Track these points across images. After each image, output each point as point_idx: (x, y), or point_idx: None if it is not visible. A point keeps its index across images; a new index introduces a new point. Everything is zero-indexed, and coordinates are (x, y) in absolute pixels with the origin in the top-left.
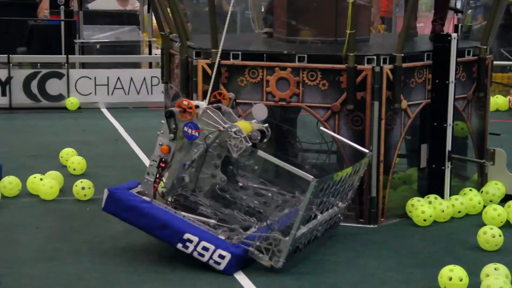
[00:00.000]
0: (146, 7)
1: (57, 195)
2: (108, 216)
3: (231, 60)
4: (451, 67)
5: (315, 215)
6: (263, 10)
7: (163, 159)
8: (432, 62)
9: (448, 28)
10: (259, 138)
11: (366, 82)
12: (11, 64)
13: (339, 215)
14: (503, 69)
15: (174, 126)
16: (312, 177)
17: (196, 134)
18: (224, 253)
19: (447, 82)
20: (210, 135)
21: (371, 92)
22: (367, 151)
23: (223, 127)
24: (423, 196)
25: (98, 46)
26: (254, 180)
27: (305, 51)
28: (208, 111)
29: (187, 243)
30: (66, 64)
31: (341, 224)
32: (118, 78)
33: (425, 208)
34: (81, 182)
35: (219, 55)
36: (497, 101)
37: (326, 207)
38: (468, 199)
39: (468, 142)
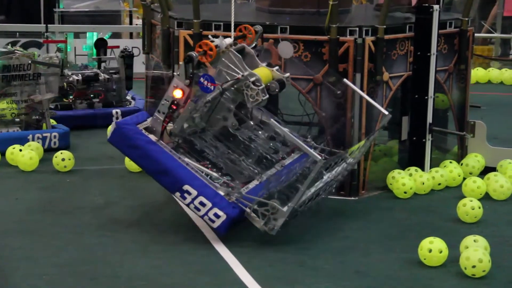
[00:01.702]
0: None
1: (37, 166)
2: (89, 188)
3: (213, 30)
4: (432, 39)
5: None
6: None
7: (175, 102)
8: (414, 34)
9: None
10: (277, 90)
11: (348, 54)
12: None
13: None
14: (483, 42)
15: (191, 71)
16: (319, 157)
17: (212, 87)
18: (220, 213)
19: (428, 54)
20: (227, 81)
21: (353, 64)
22: (386, 112)
23: (242, 75)
24: (403, 169)
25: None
26: (269, 115)
27: (287, 22)
28: (230, 54)
29: (185, 194)
30: (45, 33)
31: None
32: None
33: (405, 181)
34: (61, 153)
35: None
36: (477, 73)
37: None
38: (448, 172)
39: (448, 115)
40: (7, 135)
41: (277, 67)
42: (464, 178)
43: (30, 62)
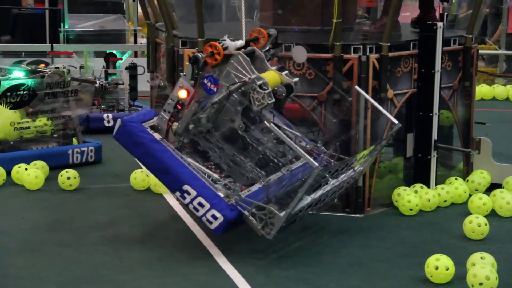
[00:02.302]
0: None
1: (42, 185)
2: (94, 207)
3: None
4: (437, 56)
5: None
6: None
7: (180, 102)
8: (418, 51)
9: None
10: (284, 95)
11: (353, 72)
12: None
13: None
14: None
15: (196, 72)
16: (316, 164)
17: (215, 89)
18: (217, 214)
19: (433, 71)
20: (234, 83)
21: (357, 81)
22: (396, 121)
23: (249, 78)
24: (409, 185)
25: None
26: (280, 118)
27: (292, 40)
28: (239, 56)
29: (185, 194)
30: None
31: (327, 213)
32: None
33: (411, 198)
34: (67, 172)
35: None
36: (482, 90)
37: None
38: (453, 188)
39: (453, 131)
40: (50, 151)
41: (286, 72)
42: (470, 195)
43: (70, 79)
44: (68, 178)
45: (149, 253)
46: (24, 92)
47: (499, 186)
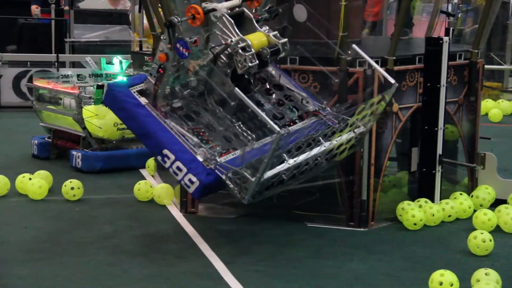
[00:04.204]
0: (137, 6)
1: (46, 195)
2: (97, 217)
3: None
4: (442, 70)
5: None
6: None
7: (162, 66)
8: (423, 66)
9: (440, 31)
10: (268, 56)
11: (358, 85)
12: (0, 63)
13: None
14: (492, 73)
15: (172, 36)
16: (278, 129)
17: (186, 54)
18: (194, 179)
19: (438, 85)
20: (217, 47)
21: (362, 94)
22: (393, 81)
23: (231, 41)
24: (413, 200)
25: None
26: (287, 77)
27: (297, 53)
28: (223, 18)
29: (165, 158)
30: (56, 63)
31: (331, 226)
32: None
33: (415, 212)
34: (70, 182)
35: None
36: (487, 105)
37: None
38: (458, 203)
39: (458, 146)
40: (146, 150)
41: (275, 32)
42: (475, 210)
43: None
44: (72, 188)
45: (152, 265)
46: None
47: (504, 201)
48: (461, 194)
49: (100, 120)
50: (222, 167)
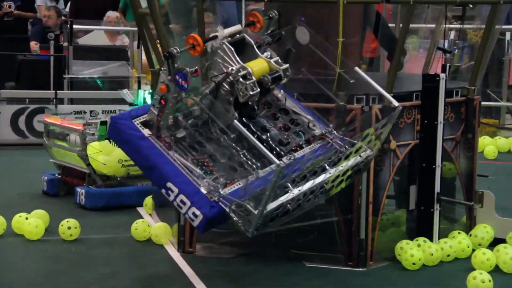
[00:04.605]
0: (135, 43)
1: (43, 234)
2: (94, 258)
3: None
4: (439, 107)
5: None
6: None
7: (163, 97)
8: (421, 102)
9: (436, 68)
10: (269, 84)
11: (355, 121)
12: None
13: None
14: (488, 110)
15: (172, 67)
16: (278, 162)
17: (186, 86)
18: (197, 212)
19: (435, 122)
20: (219, 75)
21: (360, 131)
22: (397, 104)
23: (231, 69)
24: (412, 239)
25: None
26: (294, 100)
27: (294, 89)
28: (223, 46)
29: (169, 192)
30: (54, 100)
31: (329, 266)
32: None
33: (414, 252)
34: (67, 221)
35: None
36: (484, 142)
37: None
38: (457, 242)
39: (456, 183)
40: (151, 188)
41: (277, 58)
42: (473, 250)
43: None
44: (69, 228)
45: None
46: None
47: (502, 241)
48: (459, 233)
49: (105, 156)
50: (226, 199)
